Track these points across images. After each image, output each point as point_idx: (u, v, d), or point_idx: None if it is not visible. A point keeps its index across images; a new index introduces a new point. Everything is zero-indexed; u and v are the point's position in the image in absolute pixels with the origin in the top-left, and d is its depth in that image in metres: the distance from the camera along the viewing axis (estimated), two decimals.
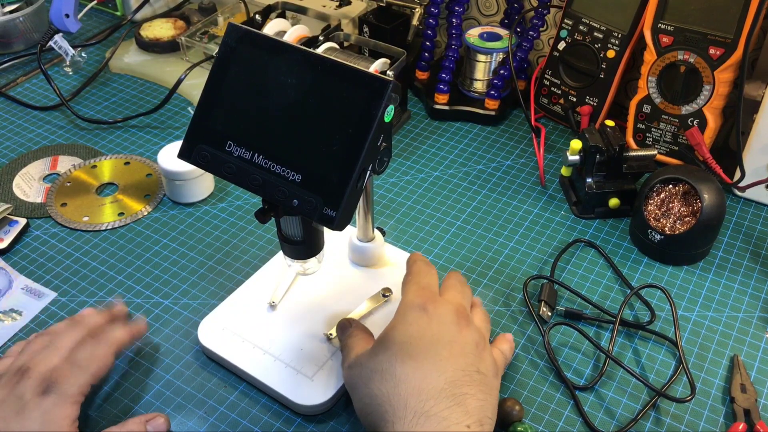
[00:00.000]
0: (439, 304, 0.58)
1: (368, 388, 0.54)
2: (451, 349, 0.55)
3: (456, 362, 0.54)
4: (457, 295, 0.60)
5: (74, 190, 0.83)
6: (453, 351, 0.54)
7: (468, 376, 0.53)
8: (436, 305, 0.57)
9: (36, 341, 0.60)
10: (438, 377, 0.53)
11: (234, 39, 0.53)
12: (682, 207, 0.73)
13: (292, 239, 0.58)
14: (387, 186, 0.84)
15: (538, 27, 0.93)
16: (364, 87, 0.49)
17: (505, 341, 0.63)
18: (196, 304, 0.70)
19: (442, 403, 0.51)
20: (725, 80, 0.77)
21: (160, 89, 1.00)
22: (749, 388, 0.62)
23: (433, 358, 0.54)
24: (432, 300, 0.58)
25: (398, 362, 0.54)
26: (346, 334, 0.61)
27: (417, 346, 0.54)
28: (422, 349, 0.54)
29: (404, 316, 0.57)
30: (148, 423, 0.58)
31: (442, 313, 0.57)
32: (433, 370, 0.53)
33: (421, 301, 0.57)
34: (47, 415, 0.54)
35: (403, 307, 0.58)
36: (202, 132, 0.54)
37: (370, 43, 0.81)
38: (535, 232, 0.78)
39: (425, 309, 0.57)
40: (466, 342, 0.56)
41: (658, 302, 0.69)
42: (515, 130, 0.93)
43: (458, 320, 0.57)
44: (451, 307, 0.58)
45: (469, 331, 0.57)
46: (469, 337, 0.56)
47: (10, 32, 1.06)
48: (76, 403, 0.56)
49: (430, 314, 0.56)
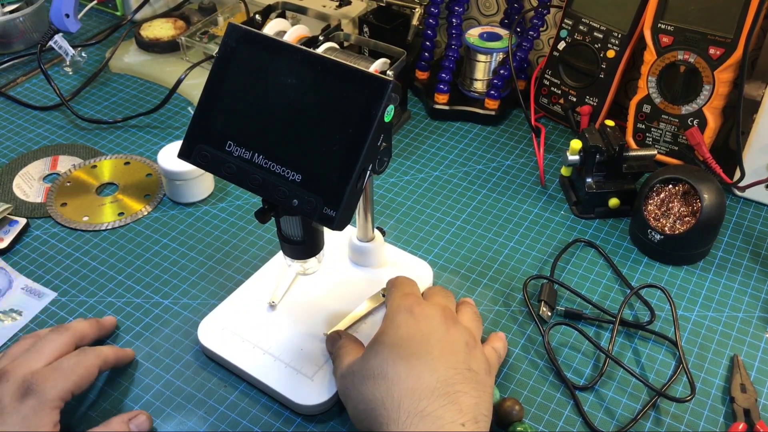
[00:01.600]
0: (425, 306, 0.59)
1: (361, 393, 0.54)
2: (441, 347, 0.55)
3: (447, 360, 0.54)
4: (440, 298, 0.62)
5: (74, 190, 0.83)
6: (443, 349, 0.55)
7: (460, 374, 0.54)
8: (422, 307, 0.58)
9: (18, 345, 0.60)
10: (430, 376, 0.53)
11: (234, 39, 0.53)
12: (682, 207, 0.73)
13: (292, 239, 0.58)
14: (387, 186, 0.84)
15: (538, 27, 0.93)
16: (364, 87, 0.49)
17: (498, 339, 0.64)
18: (196, 304, 0.70)
19: (436, 402, 0.51)
20: (725, 80, 0.77)
21: (160, 89, 1.00)
22: (749, 388, 0.62)
23: (424, 357, 0.54)
24: (417, 303, 0.59)
25: (390, 365, 0.54)
26: (336, 346, 0.61)
27: (407, 347, 0.55)
28: (413, 349, 0.55)
29: (392, 320, 0.58)
30: (131, 421, 0.58)
31: (428, 314, 0.58)
32: (425, 369, 0.53)
33: (408, 304, 0.58)
34: (27, 420, 0.53)
35: (391, 312, 0.59)
36: (202, 132, 0.54)
37: (370, 43, 0.81)
38: (535, 232, 0.78)
39: (412, 311, 0.58)
40: (455, 340, 0.56)
41: (658, 302, 0.69)
42: (515, 130, 0.93)
43: (445, 320, 0.58)
44: (437, 308, 0.59)
45: (457, 330, 0.57)
46: (458, 336, 0.57)
47: (10, 32, 1.06)
48: (56, 408, 0.55)
49: (417, 315, 0.57)
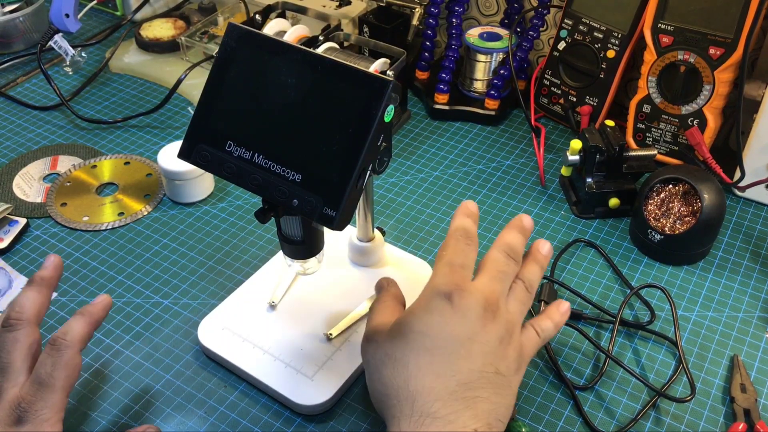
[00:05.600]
0: (467, 294, 0.53)
1: (380, 372, 0.53)
2: (470, 347, 0.52)
3: (473, 362, 0.51)
4: (490, 281, 0.54)
5: (74, 190, 0.83)
6: (471, 350, 0.52)
7: (484, 378, 0.51)
8: (463, 295, 0.52)
9: None
10: (450, 377, 0.51)
11: (234, 39, 0.53)
12: (682, 207, 0.73)
13: (292, 239, 0.58)
14: (387, 186, 0.84)
15: (538, 27, 0.93)
16: (364, 87, 0.49)
17: (548, 317, 0.58)
18: (196, 304, 0.70)
19: (451, 407, 0.50)
20: (725, 80, 0.77)
21: (160, 89, 1.00)
22: (749, 388, 0.62)
23: (449, 356, 0.51)
24: (460, 288, 0.53)
25: (413, 353, 0.52)
26: (377, 298, 0.60)
27: (435, 339, 0.52)
28: (439, 344, 0.52)
29: (428, 301, 0.53)
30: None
31: (467, 305, 0.52)
32: (448, 368, 0.51)
33: (448, 289, 0.53)
34: None
35: (429, 291, 0.54)
36: (202, 132, 0.54)
37: (370, 43, 0.81)
38: (535, 232, 0.78)
39: (451, 299, 0.52)
40: (488, 339, 0.52)
41: (658, 302, 0.69)
42: (515, 130, 0.93)
43: (484, 314, 0.52)
44: (480, 298, 0.53)
45: (495, 326, 0.53)
46: (493, 334, 0.52)
47: (10, 32, 1.06)
48: (58, 422, 0.52)
49: (455, 305, 0.52)
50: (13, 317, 0.54)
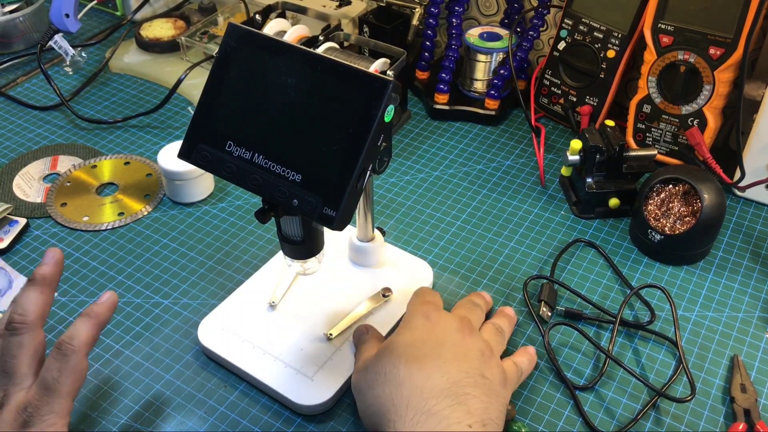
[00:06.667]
0: (443, 314, 0.60)
1: (372, 390, 0.55)
2: (454, 352, 0.55)
3: (459, 365, 0.54)
4: (463, 311, 0.62)
5: (74, 190, 0.83)
6: (456, 354, 0.55)
7: (471, 379, 0.54)
8: (440, 314, 0.59)
9: None
10: (441, 377, 0.53)
11: (234, 39, 0.53)
12: (682, 207, 0.73)
13: (292, 239, 0.58)
14: (387, 186, 0.84)
15: (538, 27, 0.93)
16: (364, 87, 0.49)
17: (524, 353, 0.63)
18: (196, 304, 0.70)
19: (444, 402, 0.51)
20: (725, 80, 0.77)
21: (160, 89, 1.00)
22: (749, 388, 0.62)
23: (436, 360, 0.54)
24: (435, 310, 0.60)
25: (402, 364, 0.54)
26: (360, 341, 0.62)
27: (421, 348, 0.55)
28: (426, 351, 0.55)
29: (408, 323, 0.59)
30: None
31: (445, 321, 0.58)
32: (436, 370, 0.53)
33: (425, 310, 0.59)
34: None
35: (408, 316, 0.60)
36: (202, 132, 0.54)
37: (370, 43, 0.81)
38: (535, 232, 0.78)
39: (428, 317, 0.59)
40: (469, 348, 0.56)
41: (658, 302, 0.69)
42: (515, 130, 0.93)
43: (461, 328, 0.58)
44: (455, 318, 0.59)
45: (473, 340, 0.57)
46: (473, 345, 0.57)
47: (10, 32, 1.06)
48: (64, 426, 0.51)
49: (434, 321, 0.58)
50: (16, 321, 0.53)
